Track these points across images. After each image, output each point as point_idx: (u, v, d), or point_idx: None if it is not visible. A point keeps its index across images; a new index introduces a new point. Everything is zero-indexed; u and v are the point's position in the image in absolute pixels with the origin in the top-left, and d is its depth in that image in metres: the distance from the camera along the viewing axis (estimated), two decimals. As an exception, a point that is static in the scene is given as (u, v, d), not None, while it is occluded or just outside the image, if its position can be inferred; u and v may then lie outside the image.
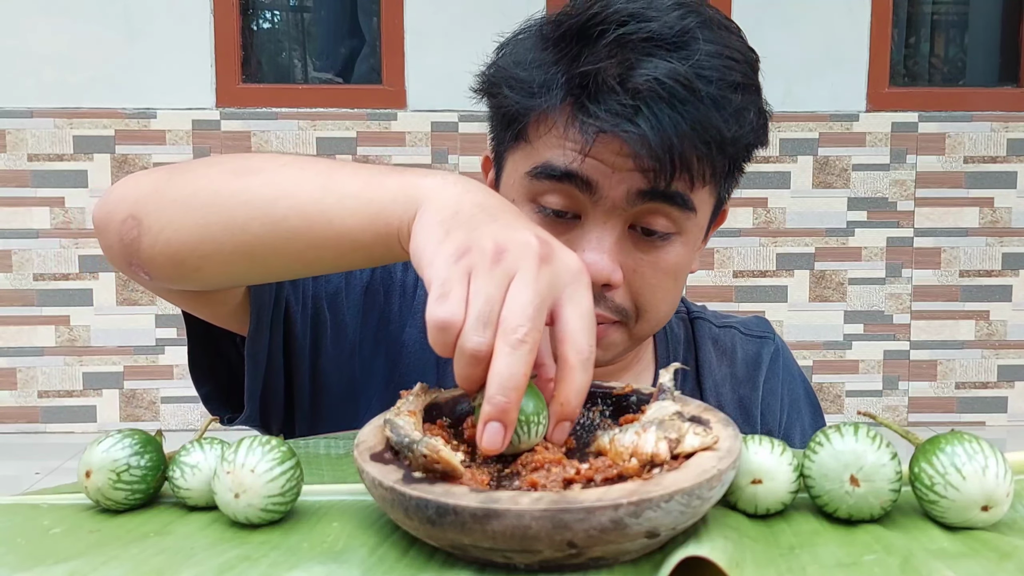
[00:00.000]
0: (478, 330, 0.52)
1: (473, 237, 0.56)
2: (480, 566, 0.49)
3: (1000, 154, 3.74)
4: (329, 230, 0.65)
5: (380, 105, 3.65)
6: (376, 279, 0.90)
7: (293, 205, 0.66)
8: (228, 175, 0.70)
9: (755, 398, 0.97)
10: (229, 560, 0.50)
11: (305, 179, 0.67)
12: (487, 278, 0.53)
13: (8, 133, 3.57)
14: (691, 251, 0.84)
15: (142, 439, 0.60)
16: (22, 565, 0.51)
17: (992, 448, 0.52)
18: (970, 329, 3.81)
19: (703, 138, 0.75)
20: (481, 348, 0.52)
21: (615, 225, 0.78)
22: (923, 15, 4.09)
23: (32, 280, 3.64)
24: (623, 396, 0.66)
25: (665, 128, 0.73)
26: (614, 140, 0.75)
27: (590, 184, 0.77)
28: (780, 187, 3.72)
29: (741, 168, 0.85)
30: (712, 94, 0.75)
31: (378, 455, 0.53)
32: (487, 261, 0.54)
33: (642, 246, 0.80)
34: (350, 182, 0.65)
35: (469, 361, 0.52)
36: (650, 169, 0.75)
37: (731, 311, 1.09)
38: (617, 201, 0.77)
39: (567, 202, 0.78)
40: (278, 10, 4.19)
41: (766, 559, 0.49)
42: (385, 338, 0.90)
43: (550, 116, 0.78)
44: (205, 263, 0.71)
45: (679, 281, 0.84)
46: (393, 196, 0.63)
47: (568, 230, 0.79)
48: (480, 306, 0.52)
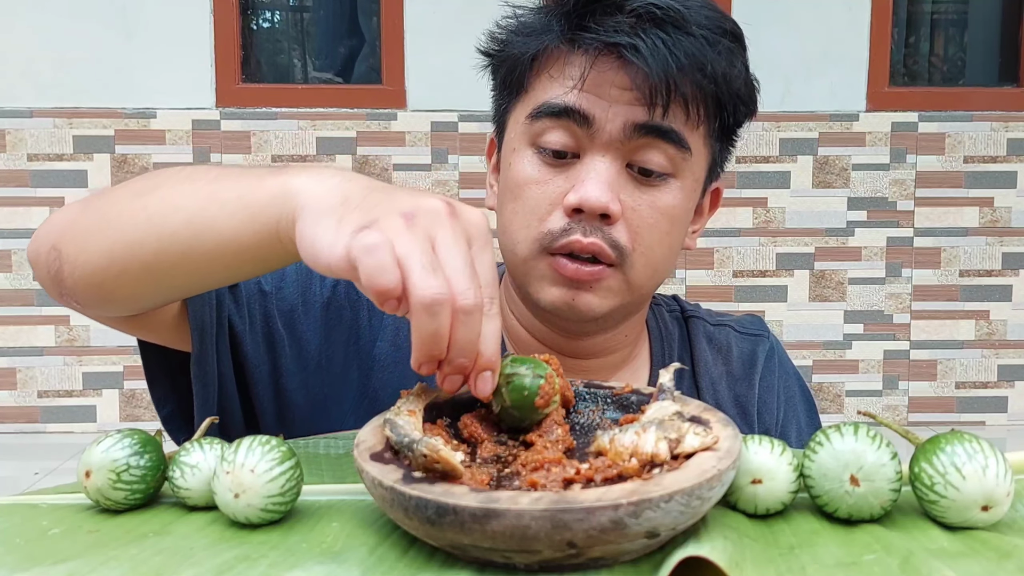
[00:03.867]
0: (428, 278, 0.52)
1: (375, 213, 0.56)
2: (480, 566, 0.49)
3: (1000, 154, 3.74)
4: (216, 238, 0.66)
5: (380, 105, 3.65)
6: (339, 294, 0.88)
7: (183, 218, 0.67)
8: (131, 196, 0.71)
9: (751, 396, 0.97)
10: (228, 560, 0.50)
11: (194, 191, 0.68)
12: (409, 238, 0.53)
13: (8, 133, 3.57)
14: (688, 198, 0.84)
15: (142, 439, 0.60)
16: (21, 565, 0.50)
17: (992, 448, 0.52)
18: (970, 329, 3.81)
19: (698, 67, 0.79)
20: (442, 292, 0.52)
21: (613, 160, 0.80)
22: (923, 14, 4.09)
23: (32, 280, 3.64)
24: (623, 396, 0.66)
25: (662, 53, 0.78)
26: (611, 72, 0.79)
27: (587, 118, 0.80)
28: (780, 187, 3.71)
29: (733, 131, 0.88)
30: (704, 34, 0.80)
31: (378, 455, 0.53)
32: (401, 226, 0.54)
33: (640, 186, 0.82)
34: (233, 187, 0.66)
35: (431, 310, 0.52)
36: (646, 99, 0.78)
37: (731, 311, 1.08)
38: (614, 134, 0.80)
39: (566, 140, 0.81)
40: (278, 10, 4.19)
41: (766, 559, 0.49)
42: (356, 353, 0.89)
43: (549, 59, 0.82)
44: (118, 285, 0.72)
45: (675, 229, 0.84)
46: (270, 196, 0.63)
47: (567, 169, 0.82)
48: (419, 257, 0.53)
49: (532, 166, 0.83)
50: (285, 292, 0.87)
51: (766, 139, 3.66)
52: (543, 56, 0.83)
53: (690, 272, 3.74)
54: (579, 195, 0.79)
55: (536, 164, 0.82)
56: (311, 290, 0.88)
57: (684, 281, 3.74)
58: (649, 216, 0.82)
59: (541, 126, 0.82)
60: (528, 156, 0.83)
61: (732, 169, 3.66)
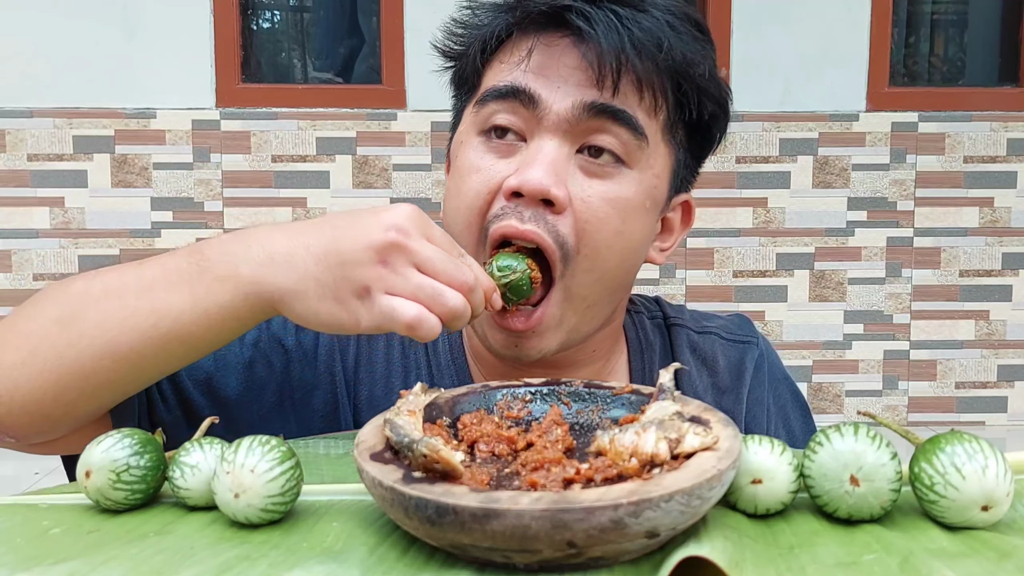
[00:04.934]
0: (441, 299, 0.63)
1: (358, 276, 0.63)
2: (480, 566, 0.49)
3: (1000, 154, 3.74)
4: (184, 345, 0.69)
5: (380, 105, 3.64)
6: (260, 352, 0.85)
7: (132, 340, 0.68)
8: (55, 326, 0.70)
9: (739, 410, 0.92)
10: (229, 560, 0.50)
11: (133, 312, 0.68)
12: (401, 281, 0.63)
13: (8, 133, 3.57)
14: (644, 194, 0.79)
15: (142, 439, 0.60)
16: (21, 565, 0.50)
17: (992, 448, 0.52)
18: (970, 329, 3.81)
19: (655, 44, 0.75)
20: (456, 301, 0.63)
21: (562, 143, 0.76)
22: (923, 15, 4.09)
23: (32, 280, 3.64)
24: (622, 396, 0.66)
25: (615, 26, 0.74)
26: (560, 50, 0.76)
27: (533, 98, 0.76)
28: (780, 187, 3.71)
29: (703, 134, 0.83)
30: (666, 17, 0.77)
31: (378, 455, 0.53)
32: (389, 275, 0.63)
33: (591, 172, 0.77)
34: (176, 299, 0.68)
35: (456, 316, 0.63)
36: (595, 75, 0.75)
37: (730, 311, 1.05)
38: (563, 114, 0.75)
39: (512, 121, 0.77)
40: (278, 10, 4.19)
41: (766, 559, 0.49)
42: (291, 407, 0.85)
43: (500, 48, 0.80)
44: (72, 407, 0.71)
45: (628, 228, 0.78)
46: (232, 296, 0.66)
47: (512, 153, 0.78)
48: (415, 290, 0.63)
49: (476, 153, 0.79)
50: (200, 362, 0.83)
51: (766, 139, 3.66)
52: (495, 43, 0.80)
53: (690, 272, 3.74)
54: (520, 177, 0.74)
55: (480, 151, 0.79)
56: (227, 358, 0.84)
57: (684, 281, 3.74)
58: (599, 208, 0.76)
59: (488, 111, 0.78)
60: (474, 145, 0.79)
61: (732, 169, 3.66)
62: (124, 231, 3.61)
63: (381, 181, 3.64)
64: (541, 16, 0.76)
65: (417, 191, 3.66)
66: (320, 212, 3.64)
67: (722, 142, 0.86)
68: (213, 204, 3.60)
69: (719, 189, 3.65)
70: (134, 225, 3.61)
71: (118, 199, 3.60)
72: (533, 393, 0.67)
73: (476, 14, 0.82)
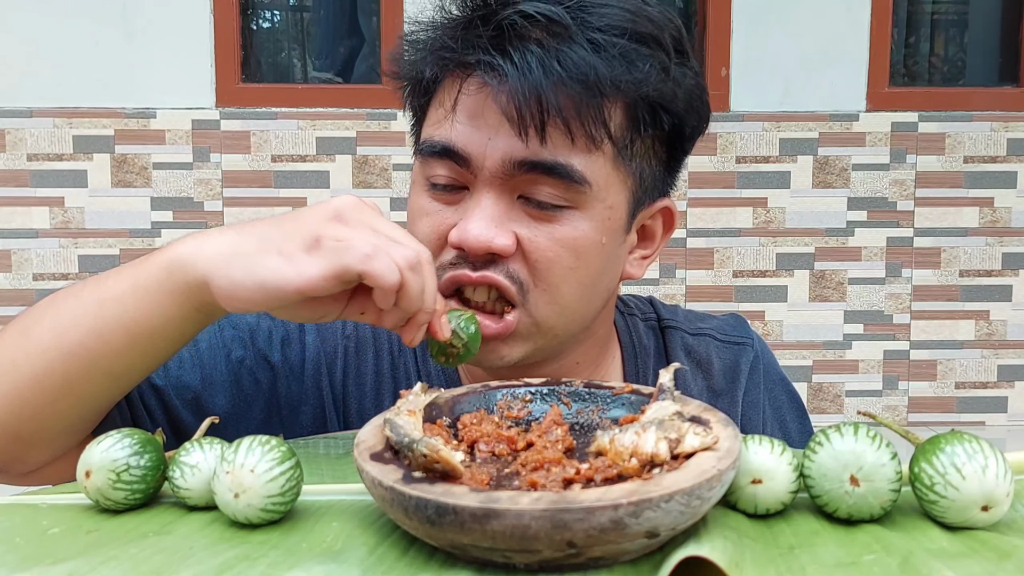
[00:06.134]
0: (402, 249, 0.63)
1: (307, 230, 0.63)
2: (480, 566, 0.49)
3: (1000, 154, 3.74)
4: (124, 333, 0.67)
5: (380, 105, 3.64)
6: (247, 368, 0.84)
7: (84, 328, 0.68)
8: (17, 337, 0.70)
9: (735, 413, 0.91)
10: (228, 560, 0.50)
11: (82, 305, 0.68)
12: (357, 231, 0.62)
13: (8, 133, 3.56)
14: (598, 230, 0.76)
15: (142, 439, 0.60)
16: (21, 565, 0.50)
17: (992, 448, 0.52)
18: (970, 329, 3.81)
19: (579, 79, 0.70)
20: (415, 252, 0.64)
21: (499, 194, 0.74)
22: (923, 15, 4.09)
23: (32, 280, 3.63)
24: (622, 396, 0.66)
25: (531, 67, 0.69)
26: (487, 96, 0.72)
27: (464, 158, 0.74)
28: (780, 187, 3.71)
29: (674, 142, 0.79)
30: (592, 37, 0.71)
31: (378, 455, 0.53)
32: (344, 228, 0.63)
33: (535, 216, 0.75)
34: (117, 283, 0.68)
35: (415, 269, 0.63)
36: (516, 124, 0.71)
37: (730, 311, 1.04)
38: (495, 171, 0.73)
39: (452, 176, 0.76)
40: (278, 10, 4.18)
41: (766, 559, 0.49)
42: (279, 423, 0.85)
43: (435, 93, 0.78)
44: (37, 422, 0.71)
45: (583, 263, 0.76)
46: (162, 270, 0.66)
47: (458, 201, 0.77)
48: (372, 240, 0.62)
49: (424, 200, 0.78)
50: (184, 379, 0.82)
51: (766, 139, 3.66)
52: (424, 88, 0.78)
53: (690, 272, 3.73)
54: (459, 232, 0.74)
55: (427, 198, 0.78)
56: (212, 376, 0.83)
57: (684, 281, 3.74)
58: (548, 249, 0.74)
59: (428, 165, 0.77)
60: (419, 189, 0.79)
61: (732, 169, 3.66)
62: (124, 231, 3.61)
63: (381, 181, 3.64)
64: (458, 66, 0.74)
65: (417, 191, 3.66)
66: (320, 212, 3.64)
67: (701, 136, 0.82)
68: (213, 204, 3.59)
69: (719, 189, 3.65)
70: (134, 225, 3.61)
71: (118, 199, 3.60)
72: (533, 393, 0.67)
73: (412, 48, 0.80)
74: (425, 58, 0.78)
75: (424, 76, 0.78)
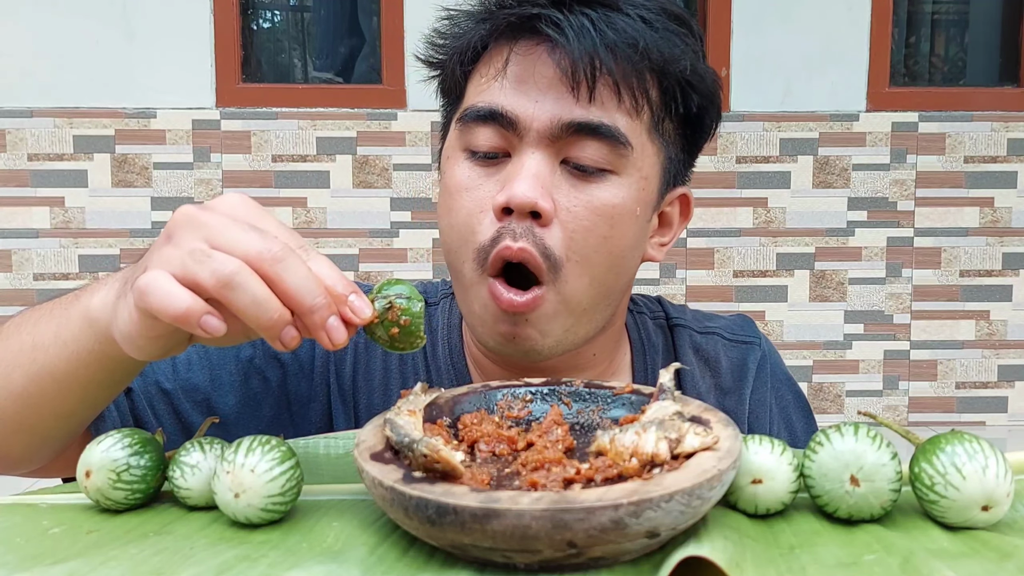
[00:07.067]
0: (201, 266, 0.53)
1: (141, 266, 0.58)
2: (480, 566, 0.49)
3: (1000, 154, 3.74)
4: (56, 383, 0.66)
5: (380, 105, 3.64)
6: (255, 368, 0.84)
7: (20, 377, 0.67)
8: None
9: (742, 411, 0.92)
10: (228, 560, 0.50)
11: (19, 345, 0.68)
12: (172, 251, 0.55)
13: (8, 133, 3.57)
14: (634, 199, 0.78)
15: (142, 439, 0.60)
16: (21, 565, 0.50)
17: (992, 448, 0.52)
18: (970, 329, 3.81)
19: (629, 44, 0.74)
20: (224, 266, 0.53)
21: (544, 156, 0.75)
22: (923, 14, 4.09)
23: (32, 280, 3.64)
24: (623, 396, 0.66)
25: (587, 28, 0.73)
26: (536, 59, 0.75)
27: (512, 120, 0.75)
28: (780, 187, 3.71)
29: (694, 128, 0.82)
30: (642, 14, 0.75)
31: (378, 455, 0.53)
32: (164, 253, 0.55)
33: (575, 183, 0.76)
34: (46, 329, 0.67)
35: (229, 286, 0.53)
36: (570, 82, 0.73)
37: (730, 311, 1.04)
38: (543, 131, 0.75)
39: (495, 141, 0.77)
40: (278, 10, 4.19)
41: (766, 559, 0.49)
42: (288, 421, 0.85)
43: (479, 59, 0.79)
44: (10, 446, 0.71)
45: (616, 233, 0.77)
46: (82, 324, 0.64)
47: (498, 170, 0.77)
48: (183, 258, 0.54)
49: (464, 172, 0.78)
50: (193, 380, 0.82)
51: (766, 139, 3.66)
52: (472, 55, 0.79)
53: (690, 272, 3.74)
54: (507, 193, 0.74)
55: (467, 169, 0.78)
56: (220, 377, 0.83)
57: (684, 281, 3.74)
58: (586, 217, 0.76)
59: (470, 132, 0.78)
60: (460, 161, 0.79)
61: (732, 169, 3.66)
62: (124, 231, 3.61)
63: (381, 181, 3.65)
64: (513, 26, 0.76)
65: (417, 191, 3.66)
66: (320, 212, 3.64)
67: (716, 130, 0.85)
68: (213, 204, 3.60)
69: (719, 189, 3.65)
70: (134, 225, 3.61)
71: (118, 199, 3.60)
72: (533, 393, 0.67)
73: (455, 23, 0.82)
74: (478, 23, 0.79)
75: (473, 43, 0.79)
